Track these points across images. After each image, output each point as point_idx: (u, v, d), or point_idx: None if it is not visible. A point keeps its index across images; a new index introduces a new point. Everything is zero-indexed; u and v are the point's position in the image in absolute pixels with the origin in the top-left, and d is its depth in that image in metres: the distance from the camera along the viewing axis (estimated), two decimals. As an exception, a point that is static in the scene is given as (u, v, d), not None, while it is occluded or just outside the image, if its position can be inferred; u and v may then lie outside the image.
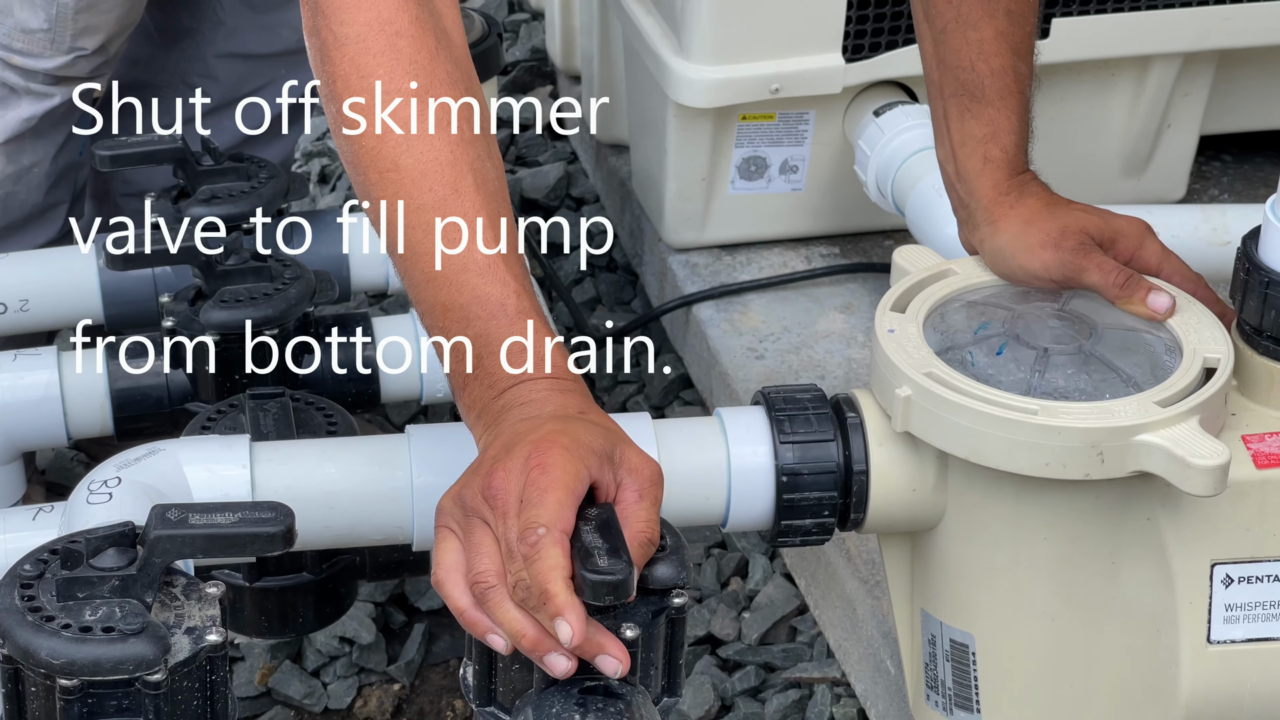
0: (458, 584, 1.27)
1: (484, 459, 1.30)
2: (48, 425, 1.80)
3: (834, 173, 2.35)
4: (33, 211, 2.13)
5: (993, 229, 1.59)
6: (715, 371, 2.26)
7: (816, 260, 2.40)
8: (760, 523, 1.56)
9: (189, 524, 1.26)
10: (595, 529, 1.31)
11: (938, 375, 1.48)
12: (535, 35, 3.02)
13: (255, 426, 1.65)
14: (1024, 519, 1.48)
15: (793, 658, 2.06)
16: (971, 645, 1.54)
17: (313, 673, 2.15)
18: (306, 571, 1.71)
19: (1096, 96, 2.34)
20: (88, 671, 1.21)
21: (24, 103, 2.06)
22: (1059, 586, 1.50)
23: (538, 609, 1.23)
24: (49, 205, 2.15)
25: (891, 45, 2.23)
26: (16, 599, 1.24)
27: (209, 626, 1.27)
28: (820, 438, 1.53)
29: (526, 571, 1.23)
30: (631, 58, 2.42)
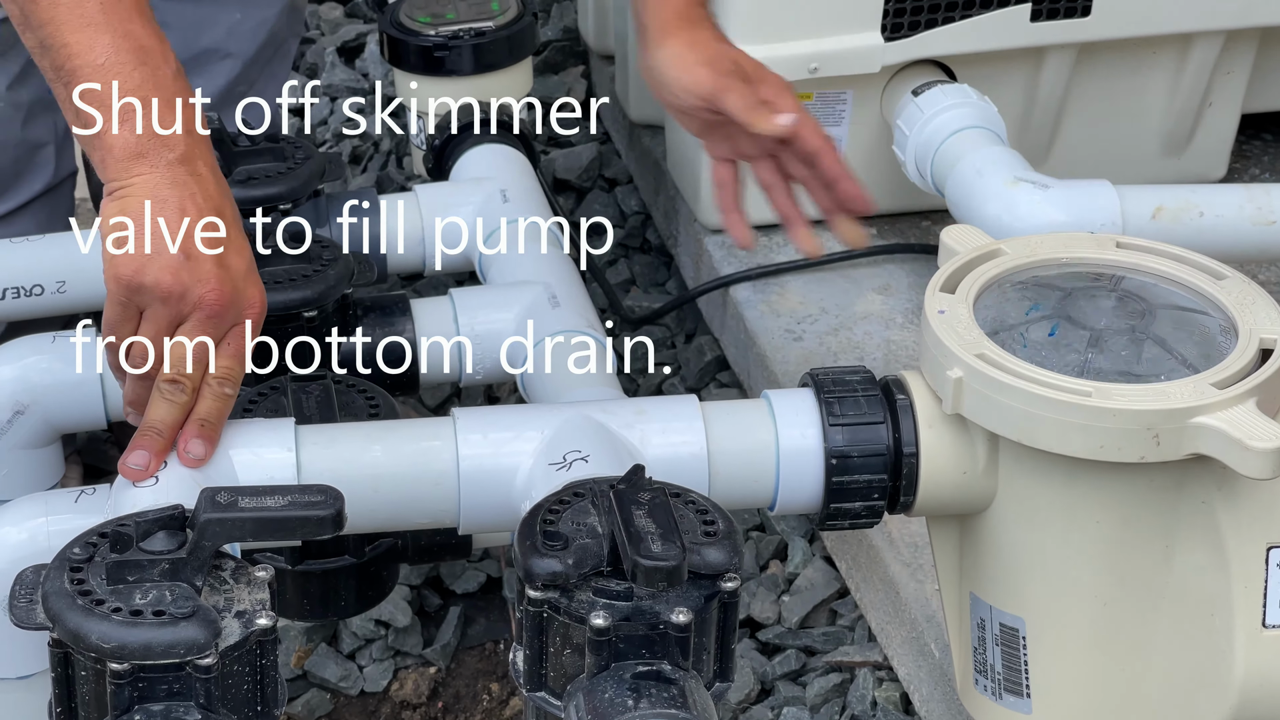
0: None
1: None
2: (87, 407, 1.79)
3: (871, 152, 2.33)
4: (17, 153, 2.09)
5: (661, 46, 1.84)
6: (753, 353, 2.24)
7: (854, 241, 2.38)
8: (808, 506, 1.54)
9: (239, 507, 1.25)
10: (648, 512, 1.30)
11: (989, 357, 1.46)
12: (567, 15, 3.01)
13: (298, 409, 1.63)
14: (1077, 502, 1.46)
15: (833, 641, 2.05)
16: (1022, 629, 1.53)
17: (348, 655, 2.14)
18: (348, 554, 1.70)
19: (1137, 74, 2.32)
20: (138, 655, 1.20)
21: None
22: (1111, 570, 1.48)
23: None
24: (31, 144, 2.09)
25: (931, 23, 2.21)
26: (66, 582, 1.24)
27: (259, 610, 1.26)
28: (870, 420, 1.51)
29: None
30: (667, 37, 2.40)
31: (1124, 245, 1.60)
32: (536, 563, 1.29)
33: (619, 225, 2.66)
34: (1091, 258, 1.59)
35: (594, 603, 1.28)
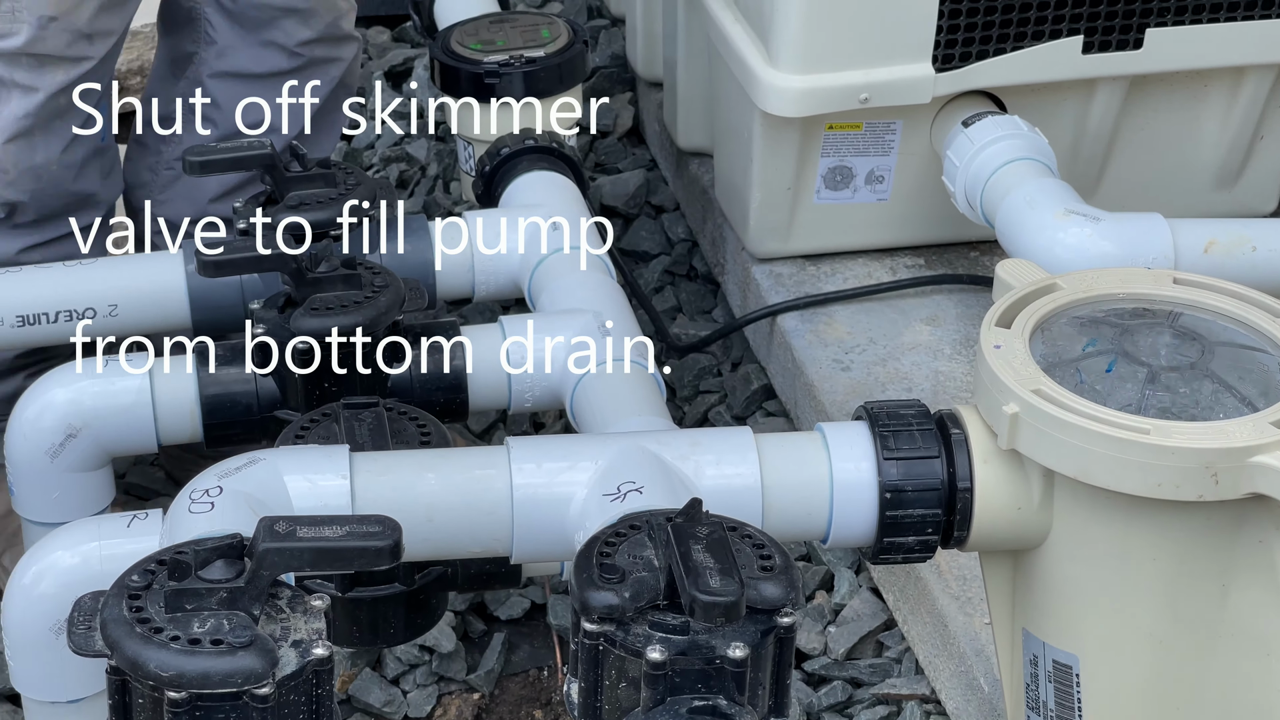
0: None
1: None
2: (138, 431, 1.79)
3: (920, 183, 2.33)
4: (66, 200, 2.12)
5: None
6: (800, 383, 2.24)
7: (901, 271, 2.38)
8: (862, 539, 1.54)
9: (297, 537, 1.25)
10: (706, 547, 1.29)
11: (1046, 392, 1.46)
12: (615, 41, 3.01)
13: (350, 436, 1.64)
14: (1133, 540, 1.46)
15: (880, 673, 2.04)
16: (1076, 666, 1.52)
17: (392, 680, 2.14)
18: (398, 582, 1.70)
19: (1189, 108, 2.31)
20: (196, 684, 1.20)
21: (14, 97, 2.04)
22: (1167, 608, 1.48)
23: None
24: (81, 194, 2.13)
25: (982, 55, 2.21)
26: (125, 610, 1.24)
27: (315, 640, 1.26)
28: (925, 454, 1.51)
29: None
30: (717, 65, 2.40)
31: (1181, 281, 1.60)
32: (593, 595, 1.29)
33: (665, 252, 2.66)
34: (1149, 293, 1.58)
35: (650, 636, 1.28)
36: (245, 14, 2.22)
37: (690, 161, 2.62)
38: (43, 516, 1.80)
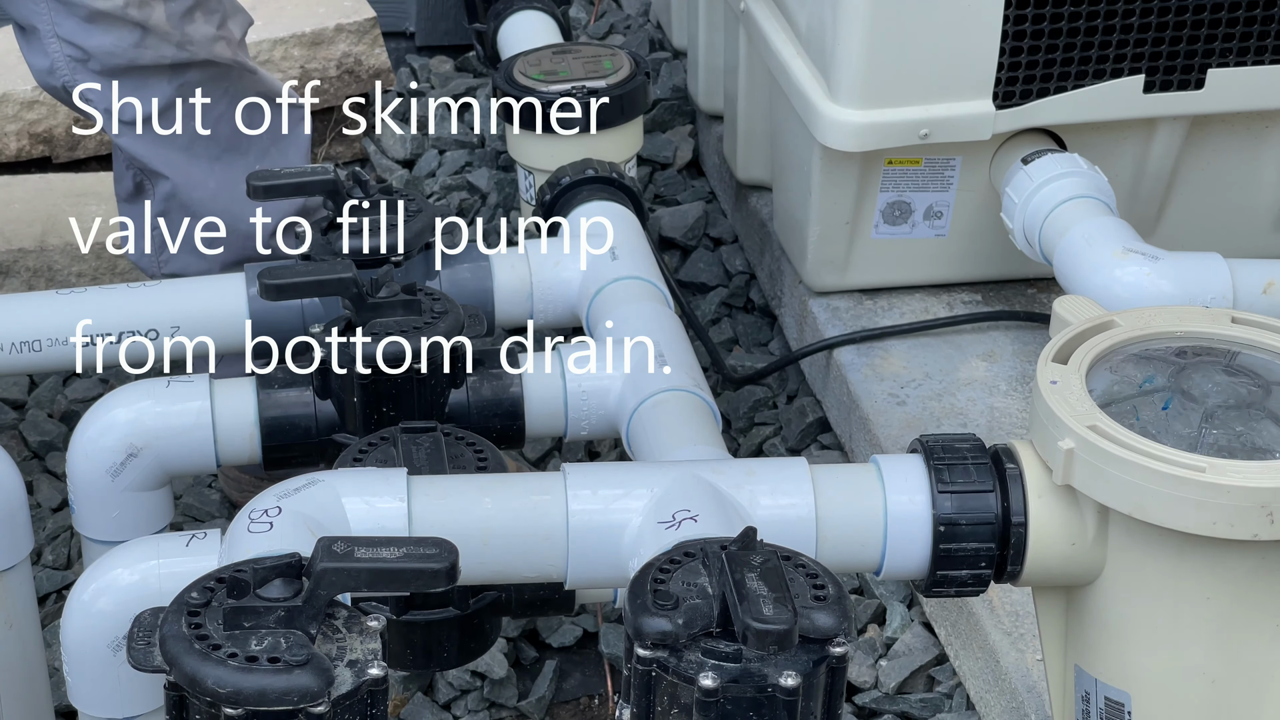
0: None
1: None
2: (198, 451, 1.81)
3: (978, 219, 2.33)
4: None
5: None
6: (855, 416, 2.24)
7: (959, 307, 2.38)
8: (915, 572, 1.54)
9: (355, 557, 1.26)
10: (759, 575, 1.30)
11: (1102, 429, 1.46)
12: (676, 74, 3.03)
13: (408, 460, 1.65)
14: (1187, 577, 1.46)
15: (931, 708, 2.04)
16: (1127, 704, 1.52)
17: (444, 705, 2.15)
18: (453, 606, 1.71)
19: (1249, 148, 2.31)
20: (253, 701, 1.21)
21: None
22: (1221, 647, 1.47)
23: None
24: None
25: (1043, 93, 2.21)
26: (184, 626, 1.25)
27: (370, 660, 1.27)
28: (979, 488, 1.51)
29: None
30: (777, 99, 2.41)
31: (1239, 320, 1.59)
32: (646, 621, 1.30)
33: (723, 284, 2.67)
34: (1206, 332, 1.58)
35: (703, 663, 1.29)
36: None
37: (749, 194, 2.63)
38: (102, 535, 1.81)
